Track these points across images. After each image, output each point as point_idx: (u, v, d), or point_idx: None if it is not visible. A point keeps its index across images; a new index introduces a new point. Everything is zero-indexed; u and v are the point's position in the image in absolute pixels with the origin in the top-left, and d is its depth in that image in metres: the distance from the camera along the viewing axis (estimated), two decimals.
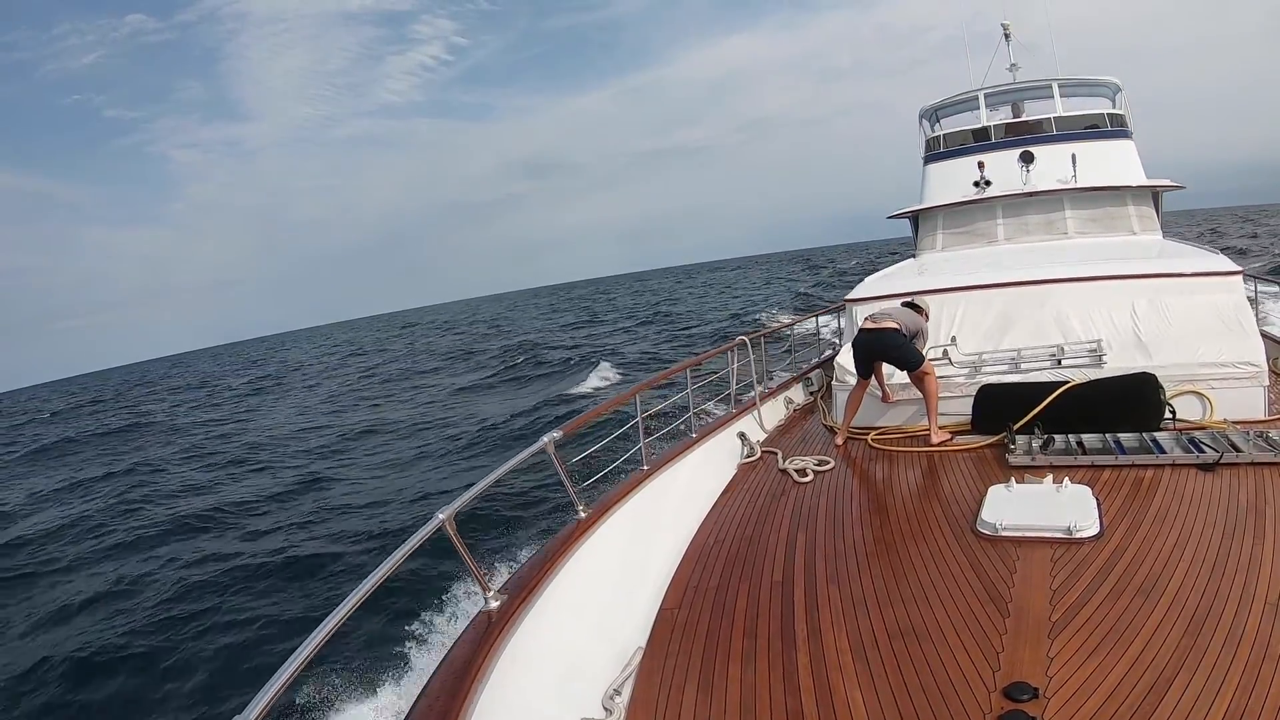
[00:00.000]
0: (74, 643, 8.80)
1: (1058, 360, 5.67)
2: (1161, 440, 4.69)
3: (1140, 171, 9.06)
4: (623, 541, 3.92)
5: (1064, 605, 3.04)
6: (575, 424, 4.18)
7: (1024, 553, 3.54)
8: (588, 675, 3.01)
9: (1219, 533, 3.49)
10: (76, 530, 14.09)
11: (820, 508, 4.59)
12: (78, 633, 9.19)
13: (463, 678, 2.42)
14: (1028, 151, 9.03)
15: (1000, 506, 3.95)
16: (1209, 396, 5.23)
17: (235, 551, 11.34)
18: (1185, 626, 2.77)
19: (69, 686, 7.85)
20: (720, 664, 3.05)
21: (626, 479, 4.52)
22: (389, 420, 21.49)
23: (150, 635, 8.68)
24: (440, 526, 2.74)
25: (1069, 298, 5.99)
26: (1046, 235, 8.86)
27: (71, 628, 9.42)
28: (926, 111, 10.85)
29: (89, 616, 9.69)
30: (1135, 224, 8.70)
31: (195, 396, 44.29)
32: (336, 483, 14.81)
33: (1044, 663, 2.67)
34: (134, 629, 8.89)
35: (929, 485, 4.81)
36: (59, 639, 9.09)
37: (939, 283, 6.71)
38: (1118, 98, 10.03)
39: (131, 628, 8.94)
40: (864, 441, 5.82)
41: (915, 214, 10.02)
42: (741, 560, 3.98)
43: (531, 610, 3.04)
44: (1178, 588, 3.05)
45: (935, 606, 3.20)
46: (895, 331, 5.71)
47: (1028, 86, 10.39)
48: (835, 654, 2.97)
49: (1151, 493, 4.09)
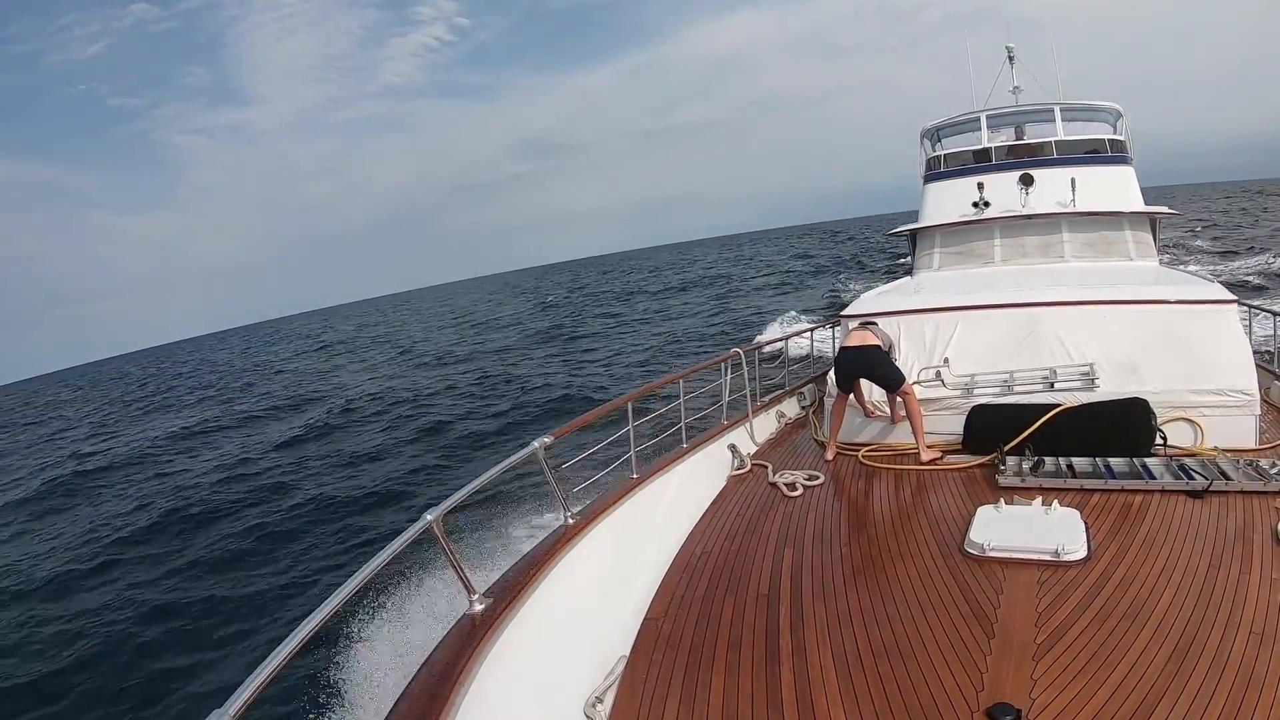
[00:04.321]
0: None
1: (1050, 383, 5.68)
2: (1151, 466, 4.70)
3: (1139, 198, 9.12)
4: (610, 549, 3.90)
5: (1049, 627, 3.03)
6: (566, 429, 4.17)
7: (1011, 574, 3.54)
8: (570, 682, 2.99)
9: (1206, 560, 3.50)
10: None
11: (809, 522, 4.58)
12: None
13: (444, 681, 2.40)
14: (1027, 174, 9.08)
15: (988, 527, 3.95)
16: (1200, 423, 5.24)
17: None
18: (1170, 652, 2.77)
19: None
20: (704, 675, 3.04)
21: (616, 486, 4.50)
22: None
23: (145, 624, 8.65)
24: (428, 527, 2.73)
25: (1063, 321, 6.01)
26: (1043, 258, 8.91)
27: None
28: (928, 131, 10.91)
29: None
30: (1132, 249, 8.75)
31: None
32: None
33: (1028, 684, 2.66)
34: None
35: (918, 503, 4.81)
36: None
37: (934, 302, 6.72)
38: (1119, 123, 10.11)
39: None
40: (855, 457, 5.82)
41: (913, 232, 10.07)
42: (728, 572, 3.97)
43: (516, 615, 3.02)
44: (1164, 613, 3.05)
45: (920, 625, 3.20)
46: (877, 349, 5.72)
47: (1030, 110, 10.46)
48: (819, 671, 2.96)
49: (1140, 518, 4.10)
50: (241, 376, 42.59)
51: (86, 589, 10.52)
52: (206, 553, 11.15)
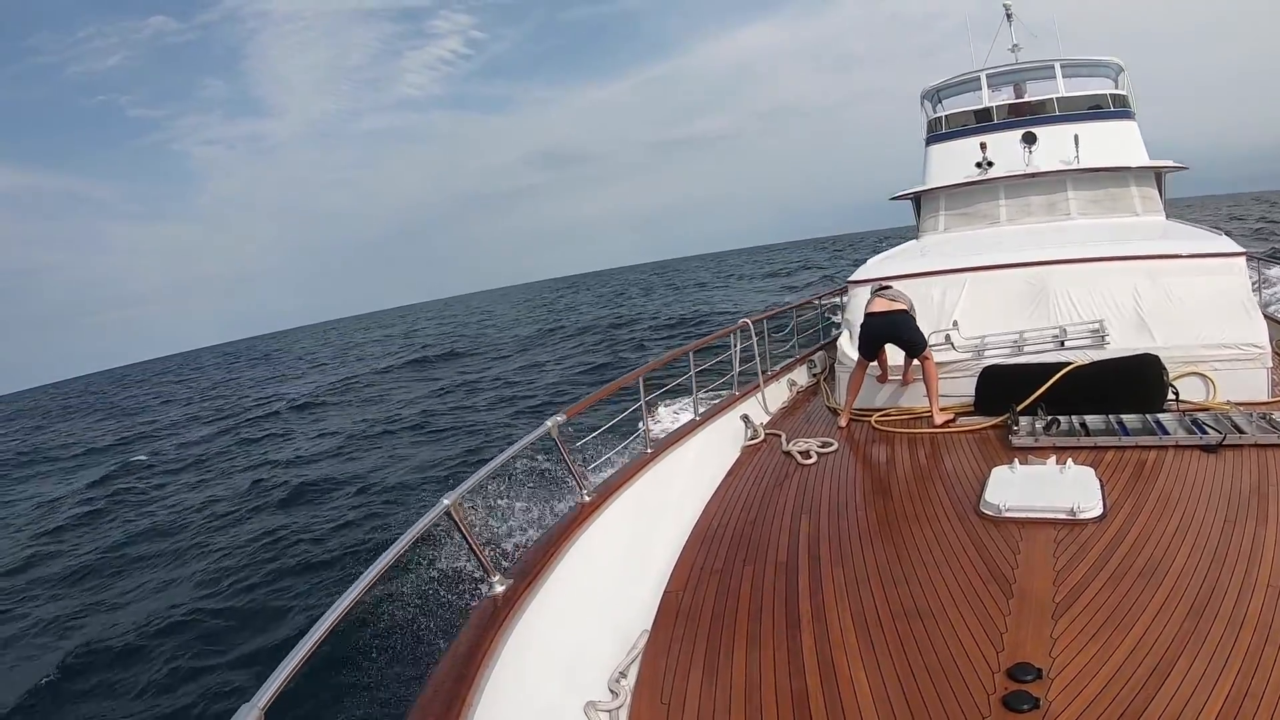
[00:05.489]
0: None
1: (1061, 342, 5.66)
2: (1165, 422, 4.69)
3: (1143, 152, 8.99)
4: (627, 525, 3.93)
5: (1067, 587, 3.04)
6: (579, 407, 4.18)
7: (1027, 534, 3.55)
8: (593, 659, 3.02)
9: (1222, 515, 3.50)
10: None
11: (824, 489, 4.60)
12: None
13: (469, 662, 2.43)
14: (1030, 132, 8.95)
15: (1003, 488, 3.95)
16: (1212, 378, 5.22)
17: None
18: (1188, 609, 2.78)
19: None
20: (725, 646, 3.07)
21: (630, 462, 4.52)
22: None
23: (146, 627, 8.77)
24: (446, 511, 2.75)
25: (1072, 279, 5.97)
26: (1049, 216, 8.81)
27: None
28: (928, 93, 10.75)
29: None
30: (1138, 205, 8.64)
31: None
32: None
33: (1047, 644, 2.68)
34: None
35: (932, 466, 4.82)
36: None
37: (941, 264, 6.68)
38: (1120, 78, 9.93)
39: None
40: (867, 423, 5.83)
41: (917, 195, 9.97)
42: (745, 542, 3.99)
43: (536, 595, 3.05)
44: (1180, 570, 3.06)
45: (939, 587, 3.21)
46: (904, 313, 5.69)
47: (1030, 67, 10.28)
48: (839, 634, 2.99)
49: (1155, 474, 4.10)
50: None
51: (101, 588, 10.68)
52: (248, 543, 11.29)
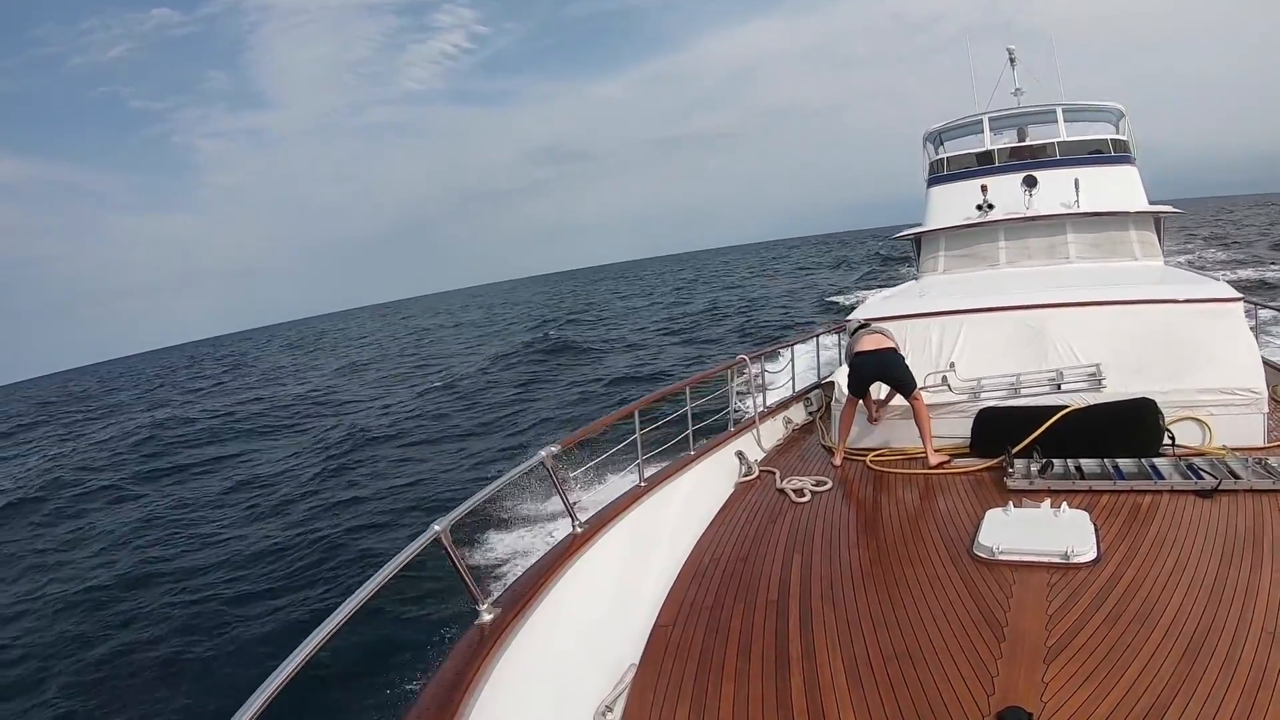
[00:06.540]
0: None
1: (1057, 385, 5.67)
2: (1160, 466, 4.68)
3: (1143, 197, 9.10)
4: (618, 557, 3.91)
5: (1060, 630, 3.02)
6: (574, 438, 4.18)
7: (1020, 577, 3.53)
8: (580, 691, 3.00)
9: (1216, 559, 3.48)
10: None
11: (817, 528, 4.58)
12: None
13: (454, 690, 2.41)
14: (1031, 175, 9.07)
15: (998, 530, 3.93)
16: (1208, 423, 5.21)
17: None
18: (1181, 653, 2.76)
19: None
20: (714, 683, 3.04)
21: (624, 494, 4.50)
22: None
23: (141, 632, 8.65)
24: (436, 538, 2.74)
25: (1070, 322, 5.99)
26: (1048, 259, 8.89)
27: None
28: (930, 135, 10.91)
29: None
30: (1137, 249, 8.72)
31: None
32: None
33: (1039, 687, 2.65)
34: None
35: (926, 507, 4.79)
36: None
37: (940, 305, 6.71)
38: (1121, 123, 10.09)
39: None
40: (862, 462, 5.80)
41: (918, 236, 10.06)
42: (737, 579, 3.96)
43: (525, 624, 3.02)
44: (1174, 614, 3.04)
45: (930, 629, 3.19)
46: (895, 351, 5.71)
47: (1032, 111, 10.46)
48: (829, 676, 2.96)
49: (1149, 518, 4.08)
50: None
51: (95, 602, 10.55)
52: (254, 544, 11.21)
